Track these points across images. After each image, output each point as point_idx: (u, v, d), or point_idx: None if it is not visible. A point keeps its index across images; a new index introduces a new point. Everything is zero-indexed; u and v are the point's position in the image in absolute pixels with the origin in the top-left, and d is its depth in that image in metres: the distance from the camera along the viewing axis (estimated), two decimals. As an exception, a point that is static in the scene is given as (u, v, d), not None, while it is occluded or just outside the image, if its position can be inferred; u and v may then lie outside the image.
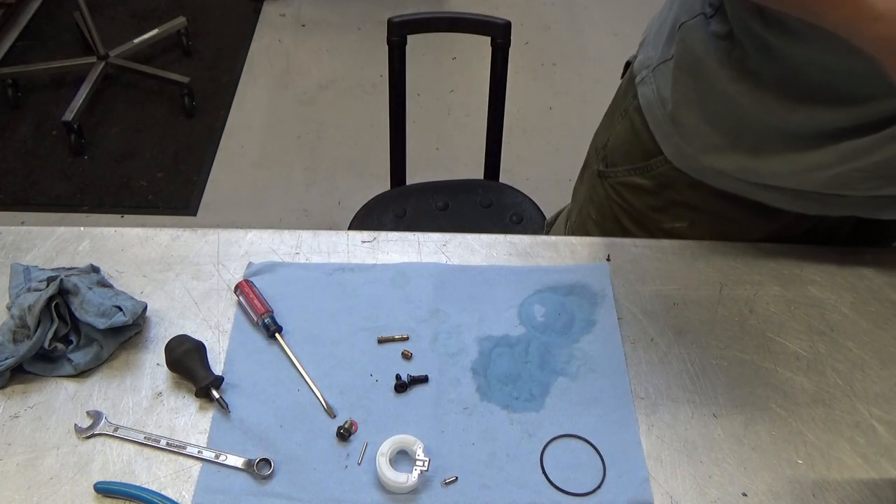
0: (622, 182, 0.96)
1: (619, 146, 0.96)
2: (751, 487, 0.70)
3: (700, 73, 0.80)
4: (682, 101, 0.83)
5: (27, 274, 0.82)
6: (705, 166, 0.85)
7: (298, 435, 0.73)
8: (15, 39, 2.93)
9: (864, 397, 0.77)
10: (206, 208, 2.34)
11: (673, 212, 0.93)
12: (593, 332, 0.82)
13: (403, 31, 1.42)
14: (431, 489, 0.69)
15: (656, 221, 0.95)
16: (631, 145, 0.94)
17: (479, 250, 0.90)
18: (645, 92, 0.89)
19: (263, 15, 3.11)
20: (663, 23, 0.88)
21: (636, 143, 0.92)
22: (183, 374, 0.75)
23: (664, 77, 0.86)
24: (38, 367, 0.76)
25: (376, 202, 1.56)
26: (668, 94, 0.85)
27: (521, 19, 3.03)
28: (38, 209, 2.32)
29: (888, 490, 0.70)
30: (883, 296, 0.87)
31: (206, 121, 2.63)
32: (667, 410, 0.76)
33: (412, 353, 0.79)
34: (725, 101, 0.78)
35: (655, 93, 0.87)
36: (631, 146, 0.94)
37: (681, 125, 0.84)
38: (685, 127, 0.84)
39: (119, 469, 0.69)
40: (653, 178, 0.92)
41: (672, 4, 0.87)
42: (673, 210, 0.93)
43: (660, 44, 0.87)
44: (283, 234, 0.91)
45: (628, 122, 0.94)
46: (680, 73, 0.82)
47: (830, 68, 0.70)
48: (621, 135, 0.96)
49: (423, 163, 1.97)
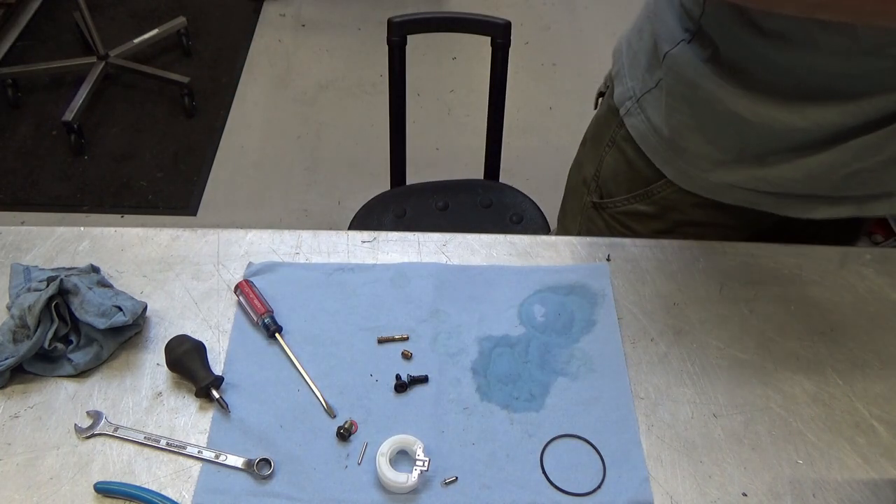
0: (623, 211, 0.96)
1: (613, 177, 0.96)
2: (751, 487, 0.70)
3: (696, 98, 0.79)
4: (679, 128, 0.83)
5: (27, 274, 0.82)
6: (714, 183, 0.85)
7: (298, 435, 0.73)
8: (15, 39, 2.93)
9: (864, 397, 0.77)
10: (206, 208, 2.34)
11: (679, 232, 0.93)
12: (593, 332, 0.82)
13: (403, 31, 1.42)
14: (431, 489, 0.69)
15: None
16: (627, 174, 0.94)
17: (479, 250, 0.90)
18: (634, 123, 0.89)
19: (263, 15, 3.11)
20: (636, 53, 0.88)
21: (632, 172, 0.92)
22: (183, 374, 0.75)
23: (652, 106, 0.86)
24: (38, 367, 0.76)
25: (376, 202, 1.56)
26: (659, 121, 0.85)
27: (521, 19, 3.03)
28: (38, 209, 2.32)
29: (888, 490, 0.70)
30: (883, 296, 0.87)
31: (206, 121, 2.63)
32: (667, 410, 0.76)
33: (412, 353, 0.79)
34: (727, 119, 0.78)
35: (646, 122, 0.87)
36: (627, 175, 0.94)
37: (682, 150, 0.84)
38: (687, 151, 0.84)
39: (119, 469, 0.69)
40: (655, 203, 0.92)
41: (641, 35, 0.88)
42: (679, 230, 0.93)
43: (638, 74, 0.88)
44: (283, 234, 0.91)
45: (618, 152, 0.94)
46: (674, 101, 0.82)
47: (829, 71, 0.69)
48: (612, 165, 0.95)
49: (423, 163, 1.97)
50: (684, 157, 0.85)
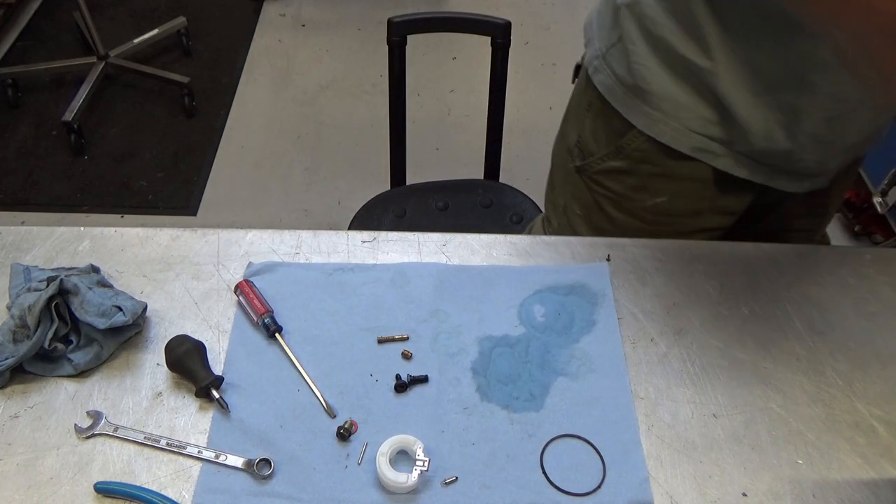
0: (599, 170, 0.99)
1: (592, 136, 1.00)
2: (751, 487, 0.70)
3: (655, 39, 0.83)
4: (641, 72, 0.87)
5: (27, 274, 0.82)
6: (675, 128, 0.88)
7: (298, 435, 0.73)
8: (15, 39, 2.93)
9: (864, 397, 0.77)
10: (206, 208, 2.34)
11: (652, 187, 0.96)
12: (593, 332, 0.82)
13: (403, 31, 1.42)
14: (431, 489, 0.69)
15: (638, 201, 0.97)
16: (602, 130, 0.97)
17: (479, 250, 0.90)
18: (602, 79, 0.94)
19: (263, 15, 3.10)
20: (600, 14, 0.94)
21: (607, 127, 0.96)
22: (183, 374, 0.75)
23: (616, 59, 0.91)
24: (38, 367, 0.76)
25: (376, 202, 1.56)
26: (623, 72, 0.90)
27: (521, 19, 3.03)
28: (38, 209, 2.32)
29: (888, 490, 0.70)
30: (883, 296, 0.87)
31: (206, 121, 2.63)
32: (667, 410, 0.76)
33: (412, 353, 0.79)
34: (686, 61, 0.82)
35: (612, 76, 0.92)
36: (602, 131, 0.97)
37: (645, 93, 0.88)
38: (650, 94, 0.87)
39: (119, 469, 0.69)
40: (627, 157, 0.94)
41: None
42: (652, 185, 0.95)
43: (604, 34, 0.93)
44: (283, 234, 0.91)
45: (594, 112, 0.98)
46: (633, 46, 0.86)
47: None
48: (590, 125, 1.00)
49: (423, 163, 1.97)
50: (648, 100, 0.88)
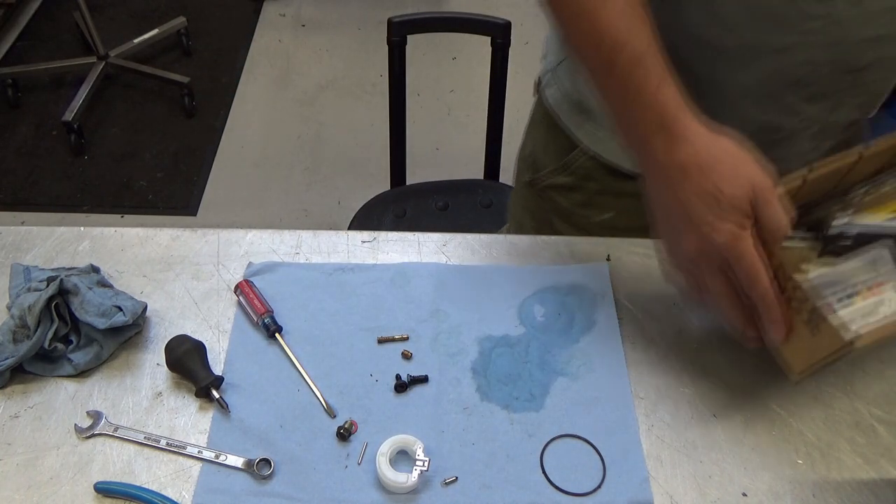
0: (548, 185, 1.00)
1: (543, 150, 1.01)
2: (751, 487, 0.70)
3: None
4: (586, 89, 0.87)
5: (27, 274, 0.82)
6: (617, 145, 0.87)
7: (298, 435, 0.72)
8: (15, 39, 2.93)
9: (864, 397, 0.77)
10: (206, 208, 2.34)
11: (598, 204, 0.97)
12: (593, 332, 0.82)
13: (403, 31, 1.42)
14: (431, 489, 0.69)
15: (585, 217, 0.98)
16: (550, 146, 0.98)
17: (479, 250, 0.90)
18: (551, 93, 0.95)
19: (263, 15, 3.11)
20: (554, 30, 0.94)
21: (554, 143, 0.97)
22: (183, 374, 0.75)
23: (565, 74, 0.92)
24: (38, 367, 0.76)
25: (376, 202, 1.56)
26: (570, 88, 0.91)
27: (521, 19, 3.02)
28: (38, 209, 2.32)
29: (888, 490, 0.70)
30: (883, 296, 0.87)
31: (206, 121, 2.63)
32: (667, 410, 0.76)
33: (412, 353, 0.79)
34: None
35: (560, 90, 0.94)
36: (550, 147, 0.98)
37: (590, 111, 0.89)
38: (594, 112, 0.88)
39: (119, 469, 0.69)
40: (573, 174, 0.96)
41: None
42: (597, 202, 0.96)
43: (555, 48, 0.94)
44: (283, 234, 0.91)
45: (544, 126, 0.99)
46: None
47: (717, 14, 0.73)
48: (539, 140, 1.01)
49: (423, 163, 1.97)
50: (593, 117, 0.89)
